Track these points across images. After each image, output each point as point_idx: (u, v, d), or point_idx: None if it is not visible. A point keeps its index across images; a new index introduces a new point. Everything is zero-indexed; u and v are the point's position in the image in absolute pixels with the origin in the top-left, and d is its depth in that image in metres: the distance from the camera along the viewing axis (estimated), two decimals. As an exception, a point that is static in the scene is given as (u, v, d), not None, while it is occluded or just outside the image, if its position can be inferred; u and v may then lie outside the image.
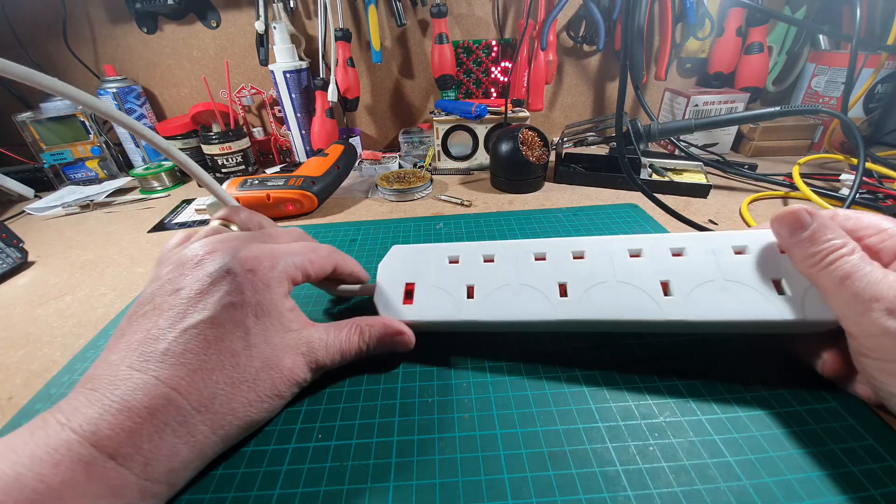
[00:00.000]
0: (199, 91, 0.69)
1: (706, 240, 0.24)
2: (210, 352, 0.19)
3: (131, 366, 0.18)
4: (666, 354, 0.25)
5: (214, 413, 0.18)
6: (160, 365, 0.18)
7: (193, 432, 0.18)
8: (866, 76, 0.53)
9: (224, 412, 0.19)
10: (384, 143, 0.75)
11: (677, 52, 0.66)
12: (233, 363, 0.19)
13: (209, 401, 0.18)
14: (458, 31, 0.66)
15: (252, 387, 0.20)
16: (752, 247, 0.23)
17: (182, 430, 0.17)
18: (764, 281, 0.22)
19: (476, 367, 0.25)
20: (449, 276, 0.26)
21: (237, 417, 0.19)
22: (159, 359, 0.18)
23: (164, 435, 0.17)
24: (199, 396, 0.18)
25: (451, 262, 0.27)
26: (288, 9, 0.62)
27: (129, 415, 0.16)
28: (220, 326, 0.19)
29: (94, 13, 0.63)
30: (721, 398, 0.22)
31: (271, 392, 0.20)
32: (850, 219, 0.22)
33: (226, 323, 0.19)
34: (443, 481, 0.19)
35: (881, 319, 0.18)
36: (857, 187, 0.38)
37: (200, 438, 0.18)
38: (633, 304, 0.22)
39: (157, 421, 0.17)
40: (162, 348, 0.18)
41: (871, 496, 0.17)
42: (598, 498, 0.18)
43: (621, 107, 0.37)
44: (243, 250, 0.21)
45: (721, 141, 0.61)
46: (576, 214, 0.45)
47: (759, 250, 0.23)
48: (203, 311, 0.19)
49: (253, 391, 0.20)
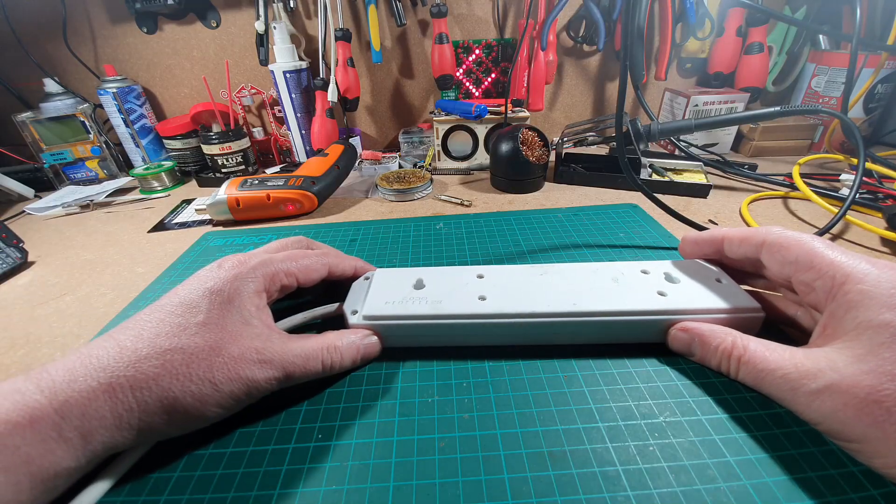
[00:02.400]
0: (199, 91, 0.69)
1: (616, 266, 0.30)
2: (170, 321, 0.21)
3: (111, 334, 0.20)
4: (666, 354, 0.25)
5: (142, 373, 0.19)
6: (125, 330, 0.20)
7: (114, 385, 0.18)
8: (866, 76, 0.53)
9: (150, 376, 0.19)
10: (384, 143, 0.75)
11: (677, 52, 0.66)
12: (184, 333, 0.20)
13: (144, 359, 0.19)
14: (458, 31, 0.66)
15: (187, 360, 0.19)
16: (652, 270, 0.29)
17: (107, 385, 0.18)
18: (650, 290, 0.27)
19: (476, 367, 0.25)
20: (409, 291, 0.28)
21: (161, 388, 0.19)
22: (130, 326, 0.21)
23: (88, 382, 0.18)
24: (135, 352, 0.19)
25: (414, 286, 0.29)
26: (288, 9, 0.62)
27: (66, 362, 0.19)
28: (192, 304, 0.21)
29: (94, 13, 0.63)
30: (721, 398, 0.22)
31: (205, 375, 0.19)
32: (776, 251, 0.23)
33: (198, 302, 0.22)
34: (443, 481, 0.19)
35: (818, 402, 0.18)
36: (857, 187, 0.38)
37: (118, 390, 0.18)
38: (545, 302, 0.26)
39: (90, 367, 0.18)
40: (142, 317, 0.21)
41: (872, 496, 0.18)
42: (598, 498, 0.18)
43: (621, 107, 0.37)
44: (244, 258, 0.25)
45: (721, 141, 0.61)
46: (576, 214, 0.45)
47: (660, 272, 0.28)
48: (184, 295, 0.22)
49: (186, 365, 0.19)
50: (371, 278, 0.29)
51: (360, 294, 0.28)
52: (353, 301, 0.28)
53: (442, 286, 0.28)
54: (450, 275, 0.29)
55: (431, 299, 0.27)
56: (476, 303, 0.26)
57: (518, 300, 0.26)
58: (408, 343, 0.27)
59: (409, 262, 0.37)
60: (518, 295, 0.27)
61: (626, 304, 0.25)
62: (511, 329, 0.26)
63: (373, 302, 0.27)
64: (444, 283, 0.28)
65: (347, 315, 0.27)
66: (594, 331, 0.26)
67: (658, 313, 0.25)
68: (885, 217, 0.38)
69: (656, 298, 0.26)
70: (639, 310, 0.25)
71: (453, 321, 0.26)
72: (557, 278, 0.28)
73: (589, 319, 0.25)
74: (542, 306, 0.26)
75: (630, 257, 0.36)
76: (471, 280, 0.28)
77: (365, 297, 0.27)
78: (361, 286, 0.29)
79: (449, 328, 0.26)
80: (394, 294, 0.27)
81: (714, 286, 0.27)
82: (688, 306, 0.25)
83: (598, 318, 0.25)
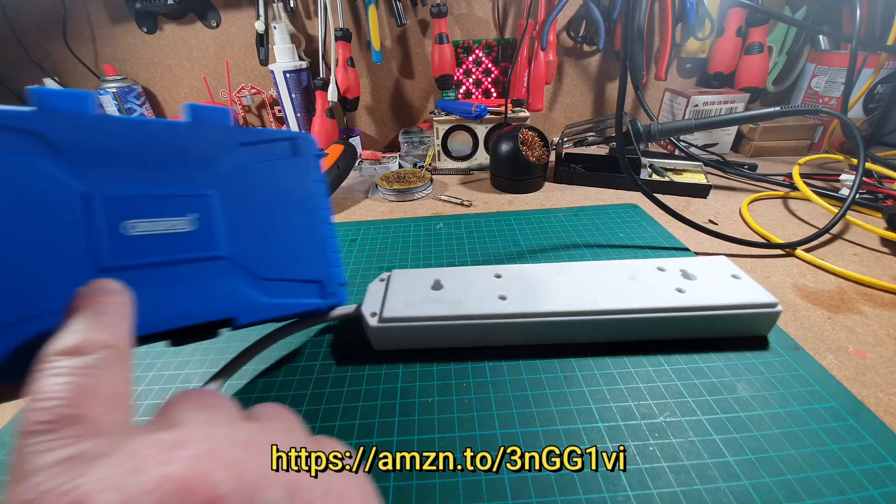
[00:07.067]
0: (199, 91, 0.69)
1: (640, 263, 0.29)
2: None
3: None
4: (666, 355, 0.25)
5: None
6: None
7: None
8: (866, 76, 0.53)
9: None
10: (384, 143, 0.75)
11: (677, 53, 0.66)
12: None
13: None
14: (458, 31, 0.66)
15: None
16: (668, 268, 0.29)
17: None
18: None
19: (476, 367, 0.25)
20: (427, 292, 0.28)
21: None
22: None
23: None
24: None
25: (432, 287, 0.28)
26: (288, 9, 0.61)
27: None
28: None
29: (94, 13, 0.63)
30: (721, 398, 0.22)
31: None
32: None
33: None
34: (443, 481, 0.19)
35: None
36: (857, 187, 0.38)
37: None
38: (565, 301, 0.26)
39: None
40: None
41: (871, 496, 0.18)
42: (598, 498, 0.18)
43: (621, 107, 0.37)
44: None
45: (721, 141, 0.61)
46: (576, 214, 0.45)
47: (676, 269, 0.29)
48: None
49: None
50: (387, 280, 0.29)
51: (377, 296, 0.28)
52: (371, 303, 0.27)
53: (460, 286, 0.28)
54: (467, 275, 0.29)
55: (451, 300, 0.26)
56: (497, 303, 0.26)
57: (538, 299, 0.26)
58: (427, 345, 0.27)
59: (409, 262, 0.37)
60: (538, 294, 0.27)
61: (647, 301, 0.26)
62: (533, 328, 0.26)
63: (392, 303, 0.26)
64: (462, 284, 0.28)
65: (366, 317, 0.26)
66: (615, 329, 0.26)
67: (679, 310, 0.25)
68: (884, 217, 0.38)
69: (675, 295, 0.26)
70: (659, 307, 0.25)
71: (475, 322, 0.25)
72: (575, 277, 0.28)
73: (610, 318, 0.25)
74: (563, 305, 0.26)
75: (630, 257, 0.36)
76: (489, 280, 0.28)
77: (384, 299, 0.27)
78: (378, 288, 0.29)
79: (470, 329, 0.26)
80: (412, 295, 0.27)
81: (731, 282, 0.27)
82: (707, 302, 0.25)
83: (619, 315, 0.25)
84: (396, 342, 0.27)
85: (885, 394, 0.23)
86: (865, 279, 0.32)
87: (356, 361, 0.26)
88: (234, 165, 0.20)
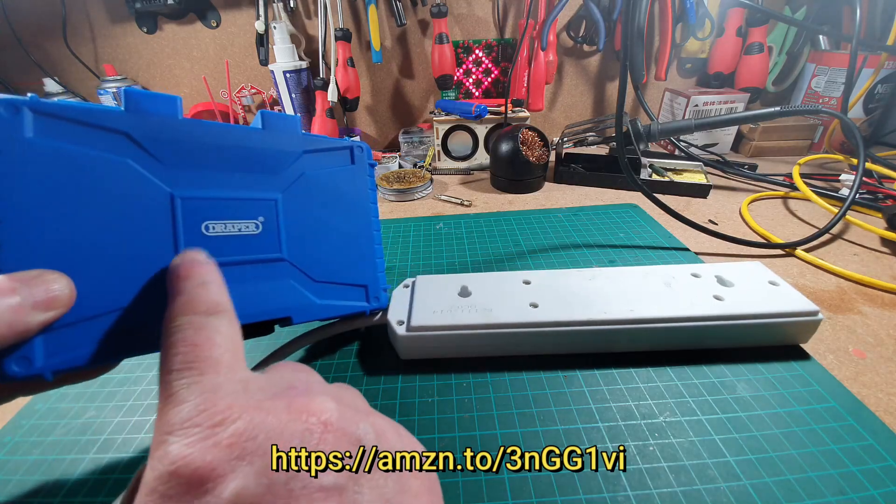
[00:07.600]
0: (199, 91, 0.69)
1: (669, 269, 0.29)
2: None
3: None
4: (666, 355, 0.25)
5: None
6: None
7: None
8: (866, 76, 0.53)
9: None
10: (384, 143, 0.75)
11: (677, 53, 0.66)
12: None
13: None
14: (458, 31, 0.65)
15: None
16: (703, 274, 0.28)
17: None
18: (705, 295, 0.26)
19: (476, 367, 0.25)
20: (455, 299, 0.27)
21: None
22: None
23: None
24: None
25: (460, 293, 0.27)
26: (288, 9, 0.61)
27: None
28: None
29: (94, 13, 0.63)
30: (721, 398, 0.22)
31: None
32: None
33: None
34: (443, 481, 0.19)
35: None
36: (857, 187, 0.38)
37: None
38: (600, 309, 0.25)
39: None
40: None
41: (871, 496, 0.18)
42: (599, 498, 0.18)
43: (621, 107, 0.37)
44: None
45: (721, 141, 0.61)
46: (576, 214, 0.45)
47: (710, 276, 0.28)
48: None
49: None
50: (412, 286, 0.28)
51: (402, 302, 0.27)
52: (398, 310, 0.26)
53: (489, 293, 0.27)
54: (495, 281, 0.28)
55: (481, 307, 0.25)
56: (528, 310, 0.25)
57: (571, 307, 0.25)
58: (455, 354, 0.26)
59: (409, 262, 0.37)
60: (570, 301, 0.26)
61: (685, 309, 0.25)
62: (567, 338, 0.25)
63: (419, 311, 0.25)
64: (490, 290, 0.27)
65: (394, 326, 0.25)
66: (653, 338, 0.25)
67: (719, 318, 0.24)
68: (884, 217, 0.38)
69: (714, 303, 0.25)
70: (699, 315, 0.24)
71: (506, 330, 0.24)
72: (608, 283, 0.27)
73: (649, 326, 0.24)
74: (598, 313, 0.25)
75: (630, 257, 0.36)
76: (518, 286, 0.27)
77: (410, 306, 0.26)
78: (403, 294, 0.28)
79: (502, 338, 0.25)
80: (440, 302, 0.26)
81: (769, 289, 0.26)
82: (747, 311, 0.24)
83: (658, 324, 0.24)
84: (425, 351, 0.26)
85: (885, 394, 0.23)
86: (865, 279, 0.32)
87: (356, 361, 0.26)
88: (299, 172, 0.21)
